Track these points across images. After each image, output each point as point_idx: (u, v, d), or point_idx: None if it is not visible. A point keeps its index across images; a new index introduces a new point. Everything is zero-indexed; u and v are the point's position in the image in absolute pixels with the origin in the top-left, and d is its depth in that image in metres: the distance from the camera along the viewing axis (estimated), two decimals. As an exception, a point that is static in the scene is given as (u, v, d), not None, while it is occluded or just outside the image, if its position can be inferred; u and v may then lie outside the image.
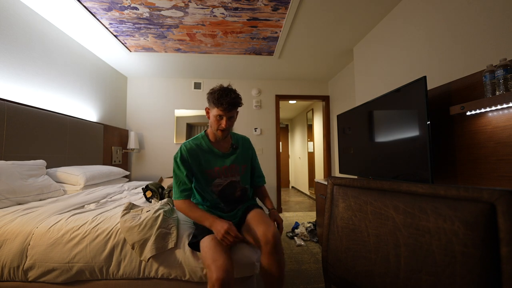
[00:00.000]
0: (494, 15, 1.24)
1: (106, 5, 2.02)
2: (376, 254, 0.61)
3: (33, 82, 2.02)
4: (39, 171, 1.77)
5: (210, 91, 1.20)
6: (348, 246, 0.68)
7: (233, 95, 1.17)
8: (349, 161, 2.31)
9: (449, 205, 0.51)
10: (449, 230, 0.50)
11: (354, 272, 0.66)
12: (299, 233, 2.63)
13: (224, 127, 1.18)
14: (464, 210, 0.49)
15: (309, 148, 5.56)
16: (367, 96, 2.44)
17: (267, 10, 2.09)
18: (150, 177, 3.72)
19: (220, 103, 1.14)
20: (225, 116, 1.17)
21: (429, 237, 0.52)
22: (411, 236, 0.55)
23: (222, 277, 0.88)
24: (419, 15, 1.76)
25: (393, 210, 0.59)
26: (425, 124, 1.34)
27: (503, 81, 1.07)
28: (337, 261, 0.71)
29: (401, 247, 0.57)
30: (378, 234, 0.62)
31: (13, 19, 1.86)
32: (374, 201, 0.64)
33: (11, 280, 1.10)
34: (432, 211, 0.53)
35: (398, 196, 0.60)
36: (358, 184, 0.71)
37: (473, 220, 0.47)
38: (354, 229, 0.68)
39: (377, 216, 0.63)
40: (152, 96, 3.82)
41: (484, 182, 1.26)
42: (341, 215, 0.72)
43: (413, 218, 0.55)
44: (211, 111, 1.21)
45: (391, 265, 0.58)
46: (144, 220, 1.16)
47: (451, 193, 0.51)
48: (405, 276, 0.55)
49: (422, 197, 0.56)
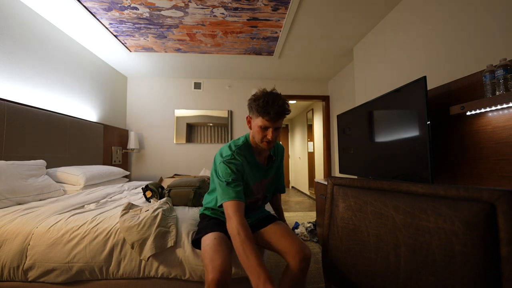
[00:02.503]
0: (494, 15, 1.24)
1: (106, 5, 2.02)
2: (376, 254, 0.61)
3: (33, 82, 2.02)
4: (39, 171, 1.77)
5: (253, 97, 1.05)
6: (348, 246, 0.68)
7: (280, 102, 1.01)
8: (349, 161, 2.31)
9: (449, 205, 0.51)
10: (449, 230, 0.50)
11: (354, 272, 0.66)
12: (299, 233, 2.63)
13: (271, 139, 1.03)
14: (464, 210, 0.48)
15: (309, 148, 5.56)
16: (367, 96, 2.44)
17: (267, 10, 2.09)
18: (150, 177, 3.72)
19: (266, 112, 0.99)
20: (271, 127, 1.02)
21: (429, 237, 0.52)
22: (411, 236, 0.55)
23: (218, 278, 0.85)
24: (419, 15, 1.76)
25: (393, 210, 0.59)
26: (425, 124, 1.33)
27: (503, 81, 1.06)
28: (337, 261, 0.71)
29: (401, 247, 0.57)
30: (378, 234, 0.62)
31: (13, 19, 1.86)
32: (374, 201, 0.64)
33: (11, 280, 1.10)
34: (432, 211, 0.53)
35: (398, 196, 0.60)
36: (358, 184, 0.70)
37: (473, 220, 0.47)
38: (354, 229, 0.67)
39: (377, 216, 0.63)
40: (152, 96, 3.82)
41: (484, 182, 1.26)
42: (341, 215, 0.72)
43: (413, 218, 0.55)
44: (254, 120, 1.06)
45: (391, 265, 0.58)
46: (143, 220, 1.16)
47: (451, 193, 0.51)
48: (405, 276, 0.55)
49: (422, 197, 0.56)
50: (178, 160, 3.76)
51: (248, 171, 1.09)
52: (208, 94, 3.89)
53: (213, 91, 3.90)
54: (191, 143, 3.80)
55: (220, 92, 3.90)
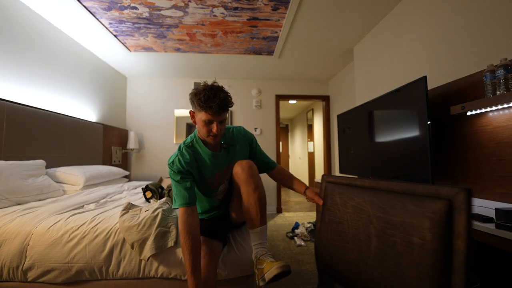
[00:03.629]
0: (494, 15, 1.24)
1: (105, 5, 2.01)
2: (353, 245, 0.69)
3: (33, 82, 2.02)
4: (39, 171, 1.77)
5: (194, 91, 1.01)
6: (333, 237, 0.77)
7: (222, 95, 0.98)
8: (349, 161, 2.30)
9: (415, 201, 0.56)
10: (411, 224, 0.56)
11: (336, 259, 0.74)
12: (299, 233, 2.63)
13: (216, 132, 1.02)
14: (425, 206, 0.54)
15: (309, 148, 5.56)
16: (367, 96, 2.44)
17: (267, 10, 2.09)
18: (150, 177, 3.72)
19: (208, 107, 0.97)
20: (215, 120, 1.00)
21: (394, 230, 0.59)
22: (381, 229, 0.62)
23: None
24: (419, 15, 1.76)
25: (369, 205, 0.66)
26: (425, 124, 1.33)
27: (503, 81, 1.06)
28: (325, 251, 0.79)
29: (372, 239, 0.64)
30: (356, 227, 0.69)
31: (13, 19, 1.86)
32: (356, 197, 0.71)
33: (10, 280, 1.10)
34: (400, 207, 0.59)
35: (375, 193, 0.66)
36: (345, 182, 0.79)
37: (432, 215, 0.52)
38: (338, 222, 0.76)
39: (357, 210, 0.70)
40: (152, 96, 3.82)
41: (484, 182, 1.25)
42: (329, 209, 0.80)
43: (384, 213, 0.62)
44: (198, 115, 1.03)
45: (363, 254, 0.66)
46: (143, 220, 1.15)
47: (417, 190, 0.57)
48: (372, 264, 0.63)
49: (395, 194, 0.62)
50: (178, 160, 3.75)
51: (203, 164, 1.11)
52: (208, 94, 3.88)
53: (213, 91, 3.89)
54: (191, 143, 3.79)
55: (220, 92, 3.89)
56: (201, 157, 1.11)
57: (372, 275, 0.62)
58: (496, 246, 0.80)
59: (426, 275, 0.51)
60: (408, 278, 0.54)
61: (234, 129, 1.23)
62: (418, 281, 0.52)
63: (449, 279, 0.49)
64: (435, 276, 0.50)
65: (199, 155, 1.11)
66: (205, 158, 1.11)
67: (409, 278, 0.54)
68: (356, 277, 0.67)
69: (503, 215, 0.81)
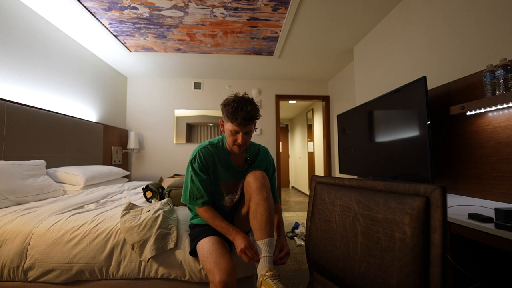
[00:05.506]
0: (494, 15, 1.24)
1: (106, 5, 2.01)
2: (340, 242, 0.72)
3: (33, 82, 2.02)
4: (39, 171, 1.77)
5: (224, 102, 1.07)
6: (322, 235, 0.79)
7: (249, 108, 1.03)
8: (349, 161, 2.31)
9: (396, 199, 0.60)
10: (392, 220, 0.59)
11: (325, 257, 0.77)
12: (299, 233, 2.63)
13: (241, 143, 1.07)
14: (406, 203, 0.57)
15: (309, 148, 5.56)
16: (367, 96, 2.44)
17: (267, 10, 2.09)
18: (150, 177, 3.72)
19: (234, 118, 1.02)
20: (241, 131, 1.05)
21: (378, 227, 0.62)
22: (367, 226, 0.65)
23: (226, 279, 0.88)
24: (419, 15, 1.76)
25: (355, 204, 0.69)
26: (425, 124, 1.33)
27: (503, 81, 1.06)
28: (316, 249, 0.82)
29: (358, 235, 0.67)
30: (344, 225, 0.72)
31: (13, 19, 1.86)
32: (343, 196, 0.74)
33: (11, 280, 1.10)
34: (383, 204, 0.62)
35: (361, 192, 0.69)
36: (333, 182, 0.82)
37: (411, 211, 0.55)
38: (327, 220, 0.79)
39: (344, 209, 0.73)
40: (152, 96, 3.82)
41: (484, 182, 1.26)
42: (319, 208, 0.83)
43: (369, 210, 0.65)
44: (225, 124, 1.10)
45: (350, 250, 0.69)
46: (144, 221, 1.16)
47: (398, 188, 0.61)
48: (359, 259, 0.65)
49: (379, 192, 0.65)
50: (178, 160, 3.76)
51: (217, 167, 1.15)
52: (208, 94, 3.89)
53: (213, 91, 3.90)
54: (191, 143, 3.80)
55: (220, 92, 3.90)
56: (221, 159, 1.16)
57: (359, 271, 0.65)
58: (496, 246, 0.80)
59: (407, 269, 0.54)
60: (392, 271, 0.57)
61: (260, 148, 1.29)
62: (400, 275, 0.55)
63: (427, 271, 0.52)
64: (415, 268, 0.53)
65: (219, 157, 1.16)
66: (223, 163, 1.16)
67: (392, 272, 0.57)
68: (344, 273, 0.70)
69: (502, 215, 0.82)
